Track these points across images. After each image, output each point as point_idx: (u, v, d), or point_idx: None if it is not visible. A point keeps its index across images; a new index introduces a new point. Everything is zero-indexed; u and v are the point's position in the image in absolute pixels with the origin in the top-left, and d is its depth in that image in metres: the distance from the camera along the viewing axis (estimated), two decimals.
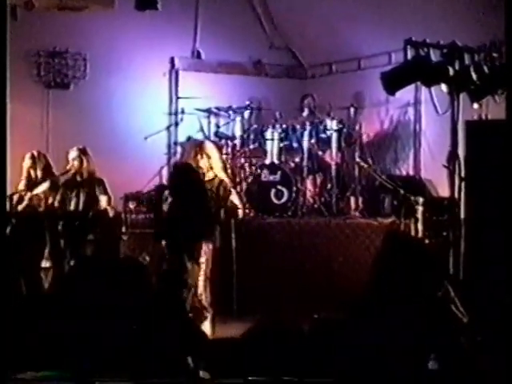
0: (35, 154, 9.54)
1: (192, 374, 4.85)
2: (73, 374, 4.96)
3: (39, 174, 9.42)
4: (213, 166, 8.26)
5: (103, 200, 9.23)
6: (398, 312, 4.64)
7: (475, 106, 7.45)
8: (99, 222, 9.19)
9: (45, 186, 9.30)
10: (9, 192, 8.56)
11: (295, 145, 10.74)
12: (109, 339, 5.15)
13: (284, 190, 10.15)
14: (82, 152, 9.31)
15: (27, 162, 9.48)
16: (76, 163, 9.26)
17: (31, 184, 9.37)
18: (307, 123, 10.77)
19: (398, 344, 4.60)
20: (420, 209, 9.37)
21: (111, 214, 9.30)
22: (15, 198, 9.29)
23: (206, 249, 7.89)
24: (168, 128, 11.51)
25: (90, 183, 9.26)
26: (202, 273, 7.87)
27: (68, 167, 9.31)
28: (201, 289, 7.89)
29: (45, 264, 9.10)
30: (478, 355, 5.00)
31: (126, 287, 5.26)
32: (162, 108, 11.77)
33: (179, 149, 11.36)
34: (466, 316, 5.38)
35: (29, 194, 9.28)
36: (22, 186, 9.42)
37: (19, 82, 10.83)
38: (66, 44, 11.19)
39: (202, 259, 7.87)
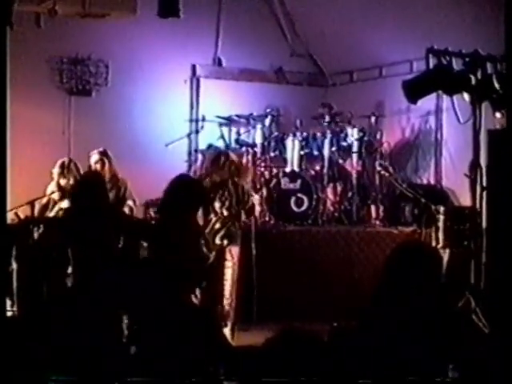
0: (66, 161, 9.47)
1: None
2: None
3: (69, 182, 9.31)
4: (237, 173, 8.26)
5: (128, 202, 9.21)
6: (417, 321, 4.61)
7: (497, 115, 7.42)
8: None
9: None
10: (12, 197, 8.51)
11: (316, 153, 10.73)
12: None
13: (304, 197, 10.13)
14: (104, 154, 9.32)
15: (57, 170, 9.40)
16: (98, 166, 9.27)
17: (61, 192, 9.27)
18: (328, 131, 10.77)
19: (417, 353, 4.58)
20: (441, 218, 9.32)
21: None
22: (44, 200, 9.23)
23: (234, 252, 7.84)
24: (189, 135, 11.54)
25: (113, 185, 9.24)
26: (229, 277, 7.82)
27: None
28: (227, 293, 7.84)
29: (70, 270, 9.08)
30: (498, 366, 4.97)
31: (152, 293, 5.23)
32: (183, 115, 11.80)
33: (200, 156, 11.38)
34: (487, 326, 5.35)
35: (57, 207, 9.20)
36: (49, 190, 9.35)
37: (42, 88, 10.97)
38: (88, 51, 11.23)
39: (229, 263, 7.81)
